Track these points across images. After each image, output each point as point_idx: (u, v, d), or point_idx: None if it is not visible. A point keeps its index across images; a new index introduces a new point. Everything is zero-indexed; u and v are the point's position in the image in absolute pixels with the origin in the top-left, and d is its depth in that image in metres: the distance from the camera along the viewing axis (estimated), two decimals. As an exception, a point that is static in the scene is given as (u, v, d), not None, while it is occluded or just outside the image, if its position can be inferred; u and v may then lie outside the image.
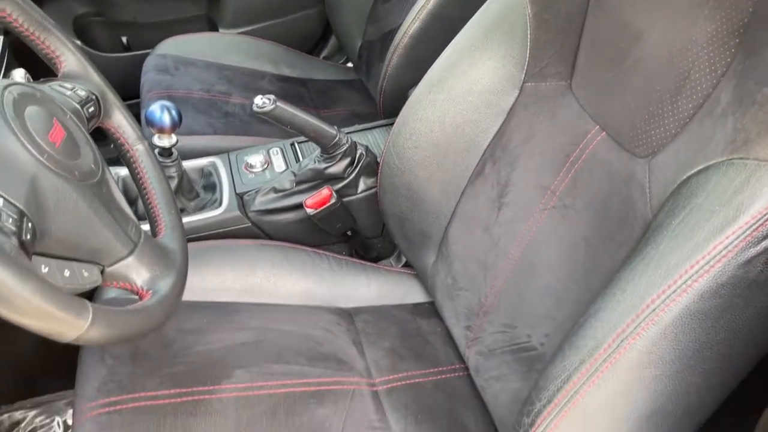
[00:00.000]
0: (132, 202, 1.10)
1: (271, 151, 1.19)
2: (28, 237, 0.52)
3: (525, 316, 0.86)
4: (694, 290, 0.56)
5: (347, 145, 1.05)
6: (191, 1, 1.77)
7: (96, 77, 0.78)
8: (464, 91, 0.95)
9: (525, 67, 0.90)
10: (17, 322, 0.49)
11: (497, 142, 0.94)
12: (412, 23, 1.23)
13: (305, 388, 0.90)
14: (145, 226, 0.75)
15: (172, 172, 1.08)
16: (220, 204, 1.10)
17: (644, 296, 0.58)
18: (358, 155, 1.07)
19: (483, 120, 0.95)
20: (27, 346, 1.04)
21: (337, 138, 1.03)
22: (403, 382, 0.97)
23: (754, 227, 0.54)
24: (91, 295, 0.94)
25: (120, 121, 0.78)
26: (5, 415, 1.09)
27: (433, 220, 1.03)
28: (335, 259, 1.11)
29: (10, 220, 0.51)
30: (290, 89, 1.57)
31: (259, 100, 0.97)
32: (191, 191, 1.14)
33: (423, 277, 1.10)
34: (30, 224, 0.53)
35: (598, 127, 0.79)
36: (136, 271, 0.66)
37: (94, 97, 0.75)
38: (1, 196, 0.52)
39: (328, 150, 1.04)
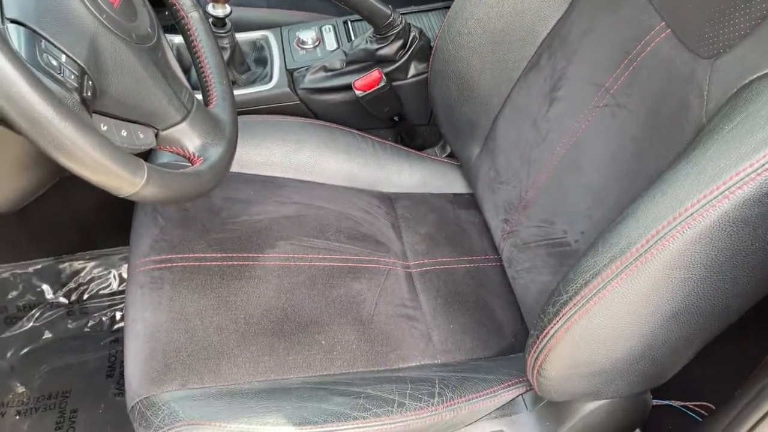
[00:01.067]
0: (185, 71, 1.11)
1: (323, 29, 1.17)
2: (89, 94, 0.55)
3: (563, 212, 0.86)
4: (737, 197, 0.55)
5: (401, 27, 1.03)
6: None
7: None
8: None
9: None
10: (79, 174, 0.52)
11: (556, 33, 0.91)
12: None
13: (343, 263, 0.94)
14: (198, 96, 0.76)
15: (225, 43, 1.08)
16: (271, 79, 1.11)
17: (684, 199, 0.58)
18: (411, 38, 1.05)
19: (544, 8, 0.92)
20: (88, 203, 1.10)
21: (391, 18, 1.01)
22: (437, 267, 1.00)
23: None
24: (145, 158, 0.98)
25: (179, -13, 0.78)
26: (67, 264, 1.18)
27: (482, 111, 1.02)
28: (380, 144, 1.12)
29: (72, 76, 0.53)
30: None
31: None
32: (243, 64, 1.15)
33: (466, 169, 1.11)
34: (90, 82, 0.56)
35: (663, 23, 0.75)
36: (189, 138, 0.69)
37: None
38: (64, 53, 0.54)
39: (381, 30, 1.02)
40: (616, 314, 0.64)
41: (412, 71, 1.09)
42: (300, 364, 0.82)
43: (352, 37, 1.14)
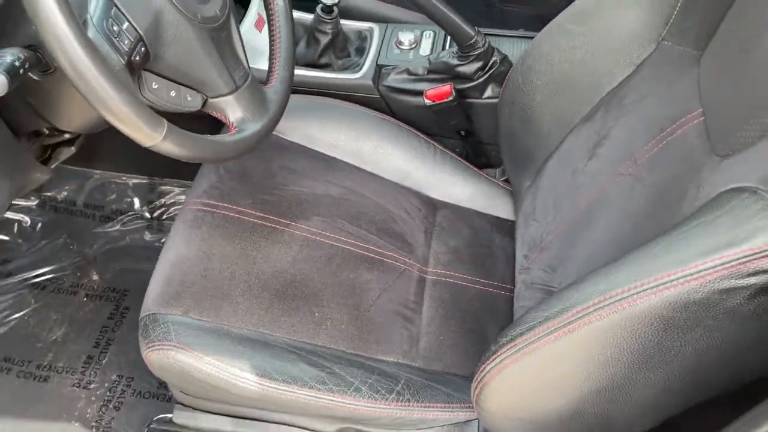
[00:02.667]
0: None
1: (424, 33, 1.24)
2: (137, 59, 0.67)
3: (565, 264, 0.88)
4: (664, 296, 0.57)
5: (483, 49, 1.07)
6: None
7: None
8: (604, 30, 0.92)
9: (669, 23, 0.84)
10: (111, 122, 0.65)
11: (617, 91, 0.92)
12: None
13: (363, 251, 1.02)
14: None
15: (328, 29, 1.18)
16: (360, 69, 1.20)
17: (619, 284, 0.60)
18: (491, 61, 1.09)
19: (613, 66, 0.93)
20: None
21: (473, 39, 1.05)
22: (451, 280, 1.05)
23: (742, 260, 0.53)
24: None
25: (268, -27, 0.89)
26: (157, 185, 1.36)
27: (538, 147, 1.05)
28: (441, 152, 1.17)
29: (126, 41, 0.66)
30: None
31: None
32: (343, 50, 1.25)
33: (515, 197, 1.14)
34: (144, 48, 0.68)
35: (701, 110, 0.75)
36: (232, 109, 0.80)
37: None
38: (128, 20, 0.66)
39: (464, 49, 1.07)
40: (546, 370, 0.68)
41: (488, 92, 1.13)
42: (288, 327, 0.92)
43: (447, 48, 1.19)
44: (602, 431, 0.73)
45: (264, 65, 0.95)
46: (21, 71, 0.66)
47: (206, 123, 0.88)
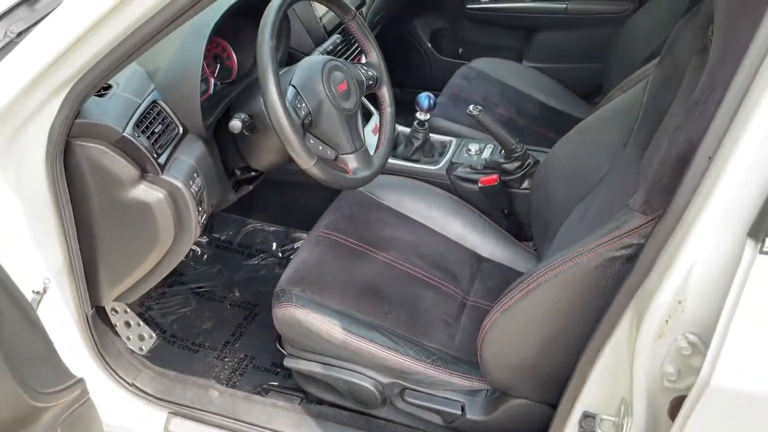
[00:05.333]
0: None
1: (487, 146, 1.77)
2: (306, 122, 1.24)
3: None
4: (578, 263, 1.01)
5: (520, 154, 1.58)
6: (509, 35, 2.40)
7: (383, 70, 1.46)
8: (595, 141, 1.41)
9: (632, 133, 1.32)
10: (290, 153, 1.19)
11: (599, 181, 1.38)
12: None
13: (423, 277, 1.49)
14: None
15: (420, 136, 1.75)
16: (439, 164, 1.74)
17: (557, 259, 1.04)
18: (526, 163, 1.59)
19: (601, 164, 1.39)
20: (313, 201, 1.83)
21: (513, 146, 1.57)
22: (484, 306, 1.49)
23: (616, 238, 0.96)
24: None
25: (384, 93, 1.47)
26: (291, 233, 1.93)
27: (552, 220, 1.50)
28: (489, 224, 1.65)
29: (302, 113, 1.23)
30: (544, 115, 2.09)
31: (473, 107, 1.56)
32: (430, 152, 1.80)
33: (540, 260, 1.58)
34: (310, 118, 1.25)
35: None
36: (350, 161, 1.34)
37: (375, 77, 1.44)
38: (305, 102, 1.24)
39: (507, 152, 1.59)
40: (516, 323, 1.11)
41: (525, 184, 1.62)
42: (367, 311, 1.38)
43: (498, 154, 1.71)
44: (558, 372, 1.12)
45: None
46: (243, 127, 1.25)
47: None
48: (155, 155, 1.16)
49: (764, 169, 0.69)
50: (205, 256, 1.96)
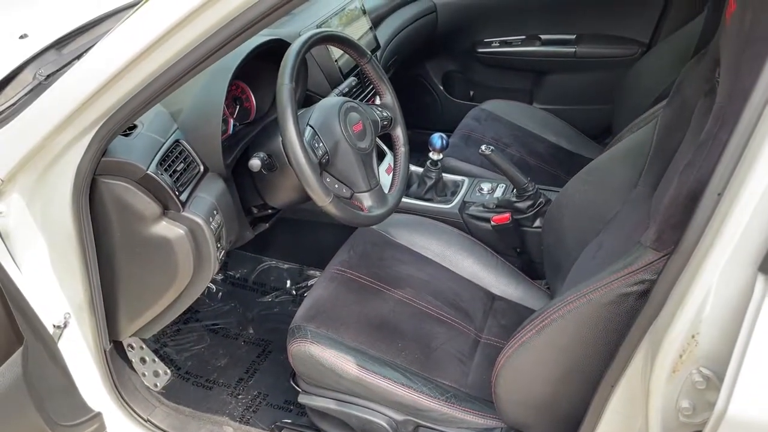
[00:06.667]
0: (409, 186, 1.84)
1: (499, 186, 1.80)
2: (323, 162, 1.27)
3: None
4: (591, 300, 1.02)
5: (532, 192, 1.61)
6: (520, 77, 2.45)
7: (397, 111, 1.51)
8: (607, 181, 1.43)
9: (642, 172, 1.34)
10: (307, 191, 1.23)
11: (611, 220, 1.40)
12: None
13: (436, 315, 1.50)
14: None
15: (432, 176, 1.78)
16: (452, 203, 1.76)
17: (568, 296, 1.06)
18: (538, 202, 1.62)
19: (612, 203, 1.41)
20: (325, 239, 1.86)
21: (525, 185, 1.60)
22: (497, 344, 1.49)
23: (628, 274, 0.98)
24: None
25: (398, 133, 1.51)
26: (305, 271, 1.95)
27: (564, 258, 1.52)
28: (502, 262, 1.67)
29: (320, 152, 1.27)
30: (554, 155, 2.13)
31: (485, 147, 1.60)
32: (442, 191, 1.83)
33: (552, 297, 1.59)
34: (327, 157, 1.28)
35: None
36: (366, 200, 1.37)
37: (390, 118, 1.49)
38: (322, 142, 1.28)
39: (519, 191, 1.62)
40: (530, 359, 1.12)
41: (537, 223, 1.64)
42: (380, 348, 1.39)
43: (510, 193, 1.74)
44: (571, 408, 1.12)
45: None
46: (263, 167, 1.29)
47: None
48: (177, 192, 1.19)
49: (772, 206, 0.71)
50: (220, 294, 1.98)
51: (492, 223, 1.65)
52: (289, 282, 2.00)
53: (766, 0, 0.79)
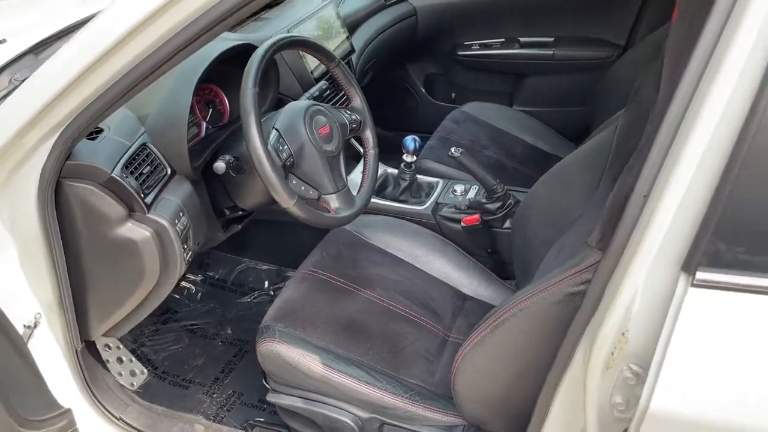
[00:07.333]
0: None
1: (472, 187, 1.83)
2: (288, 164, 1.30)
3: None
4: (540, 299, 1.04)
5: (501, 194, 1.63)
6: (500, 80, 2.48)
7: (366, 114, 1.53)
8: (571, 182, 1.46)
9: (604, 172, 1.36)
10: (271, 193, 1.25)
11: (575, 220, 1.42)
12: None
13: (406, 314, 1.53)
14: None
15: (407, 177, 1.80)
16: (425, 204, 1.79)
17: (519, 294, 1.08)
18: (507, 203, 1.64)
19: (576, 204, 1.44)
20: (300, 241, 1.88)
21: (494, 187, 1.62)
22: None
23: (575, 274, 1.00)
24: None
25: (368, 136, 1.53)
26: (283, 272, 1.97)
27: (532, 259, 1.54)
28: (474, 263, 1.69)
29: (284, 155, 1.29)
30: (531, 156, 2.15)
31: (454, 149, 1.62)
32: (417, 193, 1.85)
33: (522, 297, 1.61)
34: (292, 159, 1.31)
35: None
36: (333, 201, 1.39)
37: (359, 121, 1.51)
38: (286, 144, 1.31)
39: (488, 193, 1.64)
40: (485, 357, 1.14)
41: (507, 224, 1.67)
42: (347, 347, 1.41)
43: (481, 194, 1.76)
44: (524, 406, 1.15)
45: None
46: (228, 168, 1.31)
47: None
48: (142, 195, 1.22)
49: (692, 207, 0.73)
50: (200, 295, 2.01)
51: (462, 224, 1.67)
52: (267, 283, 2.02)
53: (696, 13, 0.82)
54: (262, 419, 1.61)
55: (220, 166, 1.31)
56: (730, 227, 0.71)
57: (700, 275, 0.73)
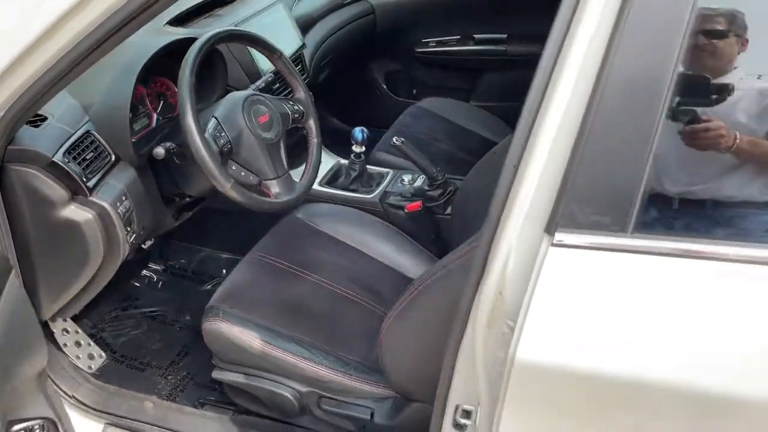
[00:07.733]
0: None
1: (419, 177, 1.90)
2: (225, 150, 1.37)
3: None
4: (444, 273, 1.11)
5: (442, 181, 1.70)
6: (457, 76, 2.55)
7: (309, 105, 1.60)
8: (498, 165, 1.53)
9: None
10: (208, 177, 1.32)
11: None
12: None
13: (350, 297, 1.59)
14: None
15: (356, 167, 1.88)
16: (373, 193, 1.86)
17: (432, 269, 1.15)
18: (448, 190, 1.71)
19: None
20: (255, 229, 1.95)
21: (435, 174, 1.69)
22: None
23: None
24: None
25: (310, 125, 1.60)
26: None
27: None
28: (419, 248, 1.76)
29: (222, 141, 1.36)
30: (485, 149, 2.21)
31: (396, 139, 1.69)
32: (368, 183, 1.93)
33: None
34: (230, 146, 1.38)
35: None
36: (273, 186, 1.46)
37: (302, 111, 1.58)
38: (224, 131, 1.38)
39: (430, 180, 1.71)
40: (403, 330, 1.21)
41: (448, 210, 1.74)
42: (290, 325, 1.48)
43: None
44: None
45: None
46: (169, 154, 1.38)
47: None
48: (84, 179, 1.29)
49: (552, 175, 0.81)
50: (161, 283, 2.08)
51: (405, 210, 1.74)
52: (225, 271, 2.09)
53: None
54: (213, 398, 1.67)
55: (159, 151, 1.38)
56: (581, 192, 0.79)
57: (559, 236, 0.80)
